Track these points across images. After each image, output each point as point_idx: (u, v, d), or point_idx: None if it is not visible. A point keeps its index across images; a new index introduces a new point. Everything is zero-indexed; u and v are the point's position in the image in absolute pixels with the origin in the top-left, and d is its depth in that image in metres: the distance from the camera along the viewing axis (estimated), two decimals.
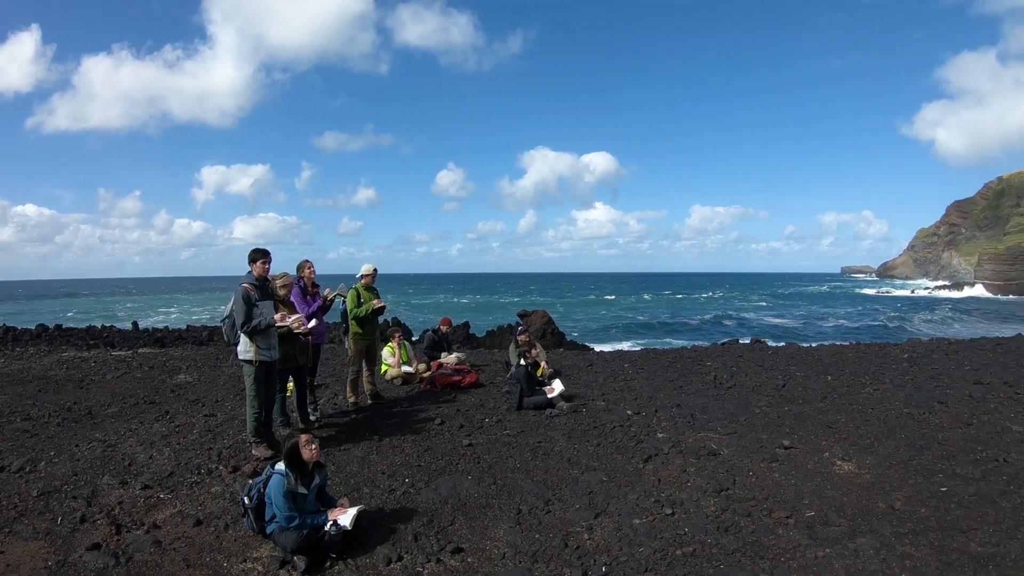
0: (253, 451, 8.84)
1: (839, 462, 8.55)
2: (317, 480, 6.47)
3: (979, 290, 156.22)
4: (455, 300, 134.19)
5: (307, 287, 10.81)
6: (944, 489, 7.48)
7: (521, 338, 14.43)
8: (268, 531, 6.27)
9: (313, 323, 9.93)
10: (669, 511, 7.02)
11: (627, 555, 6.09)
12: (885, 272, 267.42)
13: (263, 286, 8.89)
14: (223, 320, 8.93)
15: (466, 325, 36.67)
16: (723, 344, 22.71)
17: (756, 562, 5.86)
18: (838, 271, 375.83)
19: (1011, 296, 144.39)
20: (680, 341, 51.03)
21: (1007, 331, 44.33)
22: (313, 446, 6.40)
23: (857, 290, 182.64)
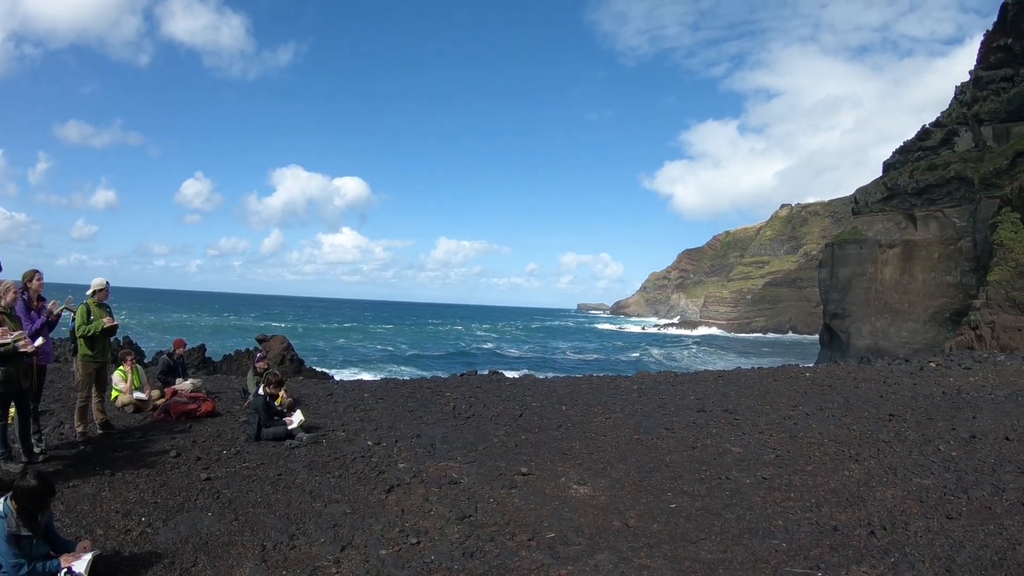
0: None
1: (575, 486, 9.24)
2: (40, 519, 5.92)
3: (707, 328, 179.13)
4: (192, 320, 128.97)
5: (32, 300, 9.81)
6: (673, 506, 8.39)
7: (259, 364, 14.09)
8: None
9: (40, 341, 9.16)
10: (415, 540, 7.20)
11: None
12: (618, 310, 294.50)
13: None
14: None
15: (202, 348, 35.01)
16: (462, 375, 23.35)
17: None
18: (575, 307, 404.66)
19: (731, 334, 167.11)
20: (420, 371, 53.40)
21: (728, 364, 50.29)
22: (51, 499, 6.01)
23: (596, 326, 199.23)
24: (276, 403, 12.17)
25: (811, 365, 26.36)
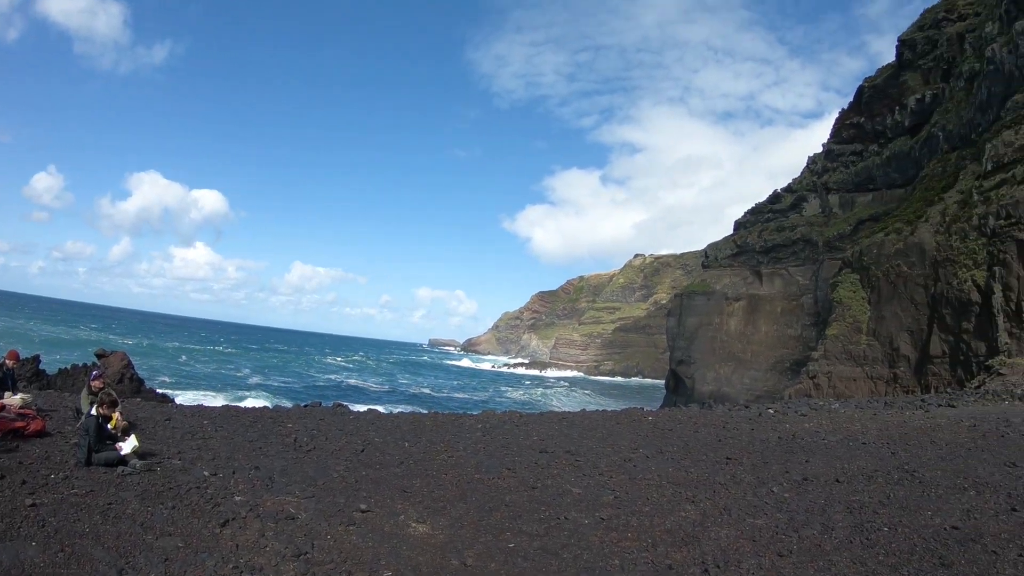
0: None
1: (414, 524, 9.25)
2: None
3: (558, 370, 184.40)
4: (28, 328, 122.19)
5: None
6: (512, 545, 8.53)
7: (94, 383, 13.47)
8: None
9: None
10: None
11: None
12: (469, 347, 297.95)
13: None
14: None
15: (36, 359, 32.74)
16: (305, 406, 22.88)
17: None
18: (427, 342, 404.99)
19: (580, 374, 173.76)
20: (264, 399, 52.33)
21: (575, 406, 51.58)
22: None
23: (448, 362, 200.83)
24: (110, 426, 11.64)
25: (655, 409, 27.36)
